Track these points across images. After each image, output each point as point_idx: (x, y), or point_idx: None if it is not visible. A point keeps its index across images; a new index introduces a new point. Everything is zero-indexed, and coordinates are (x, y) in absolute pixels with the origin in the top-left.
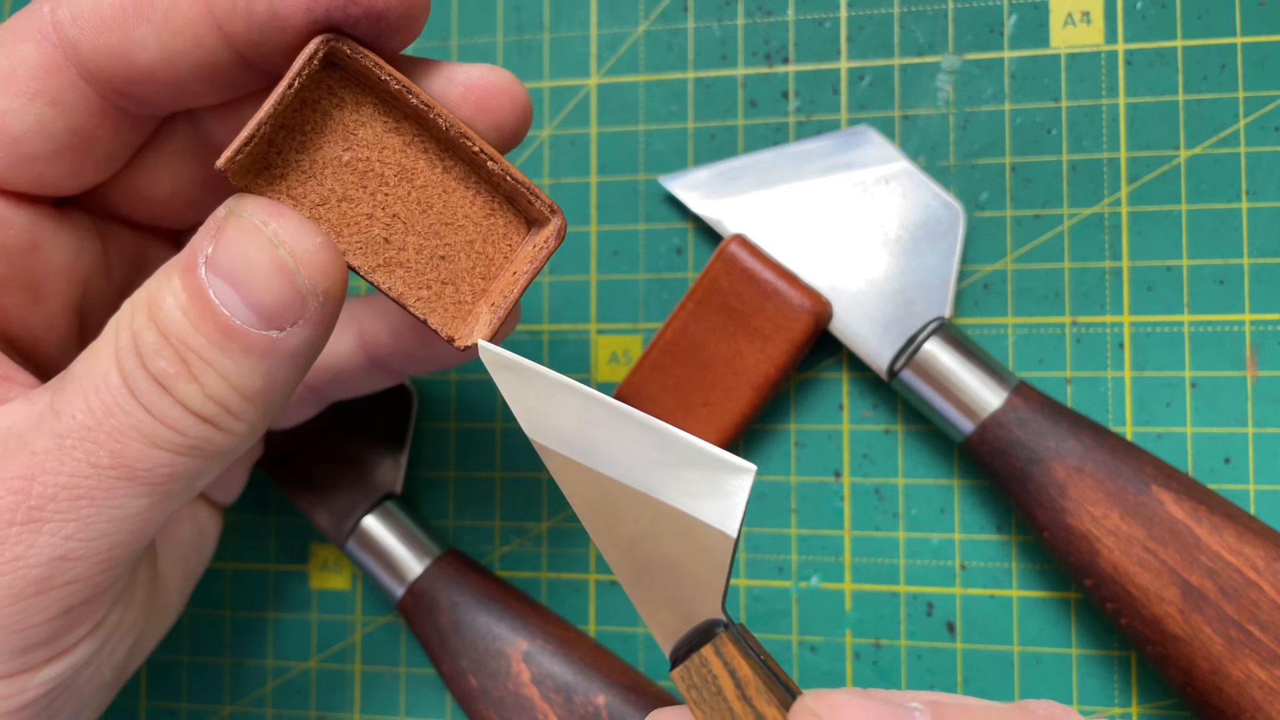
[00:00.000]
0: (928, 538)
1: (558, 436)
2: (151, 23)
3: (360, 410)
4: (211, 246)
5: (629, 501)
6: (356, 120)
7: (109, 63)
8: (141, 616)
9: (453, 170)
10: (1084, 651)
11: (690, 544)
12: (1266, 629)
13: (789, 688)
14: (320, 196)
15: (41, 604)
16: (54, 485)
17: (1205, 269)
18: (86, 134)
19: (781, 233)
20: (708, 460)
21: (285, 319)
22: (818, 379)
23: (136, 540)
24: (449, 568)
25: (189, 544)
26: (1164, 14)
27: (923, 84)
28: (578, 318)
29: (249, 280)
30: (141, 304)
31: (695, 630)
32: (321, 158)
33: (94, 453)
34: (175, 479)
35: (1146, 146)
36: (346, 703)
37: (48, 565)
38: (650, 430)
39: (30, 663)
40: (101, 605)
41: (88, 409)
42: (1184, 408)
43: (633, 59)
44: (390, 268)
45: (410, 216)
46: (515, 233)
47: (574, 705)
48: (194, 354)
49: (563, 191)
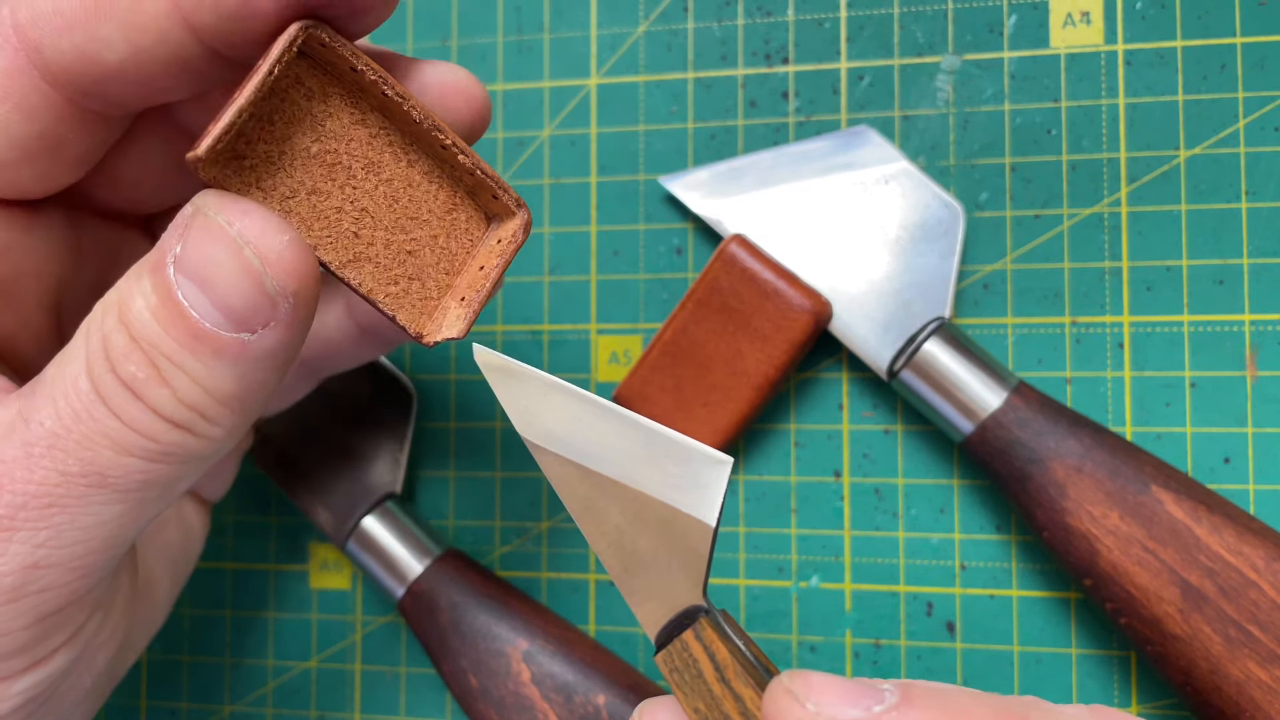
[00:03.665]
0: (927, 538)
1: (549, 434)
2: (115, 20)
3: (360, 410)
4: (180, 246)
5: (615, 495)
6: (324, 111)
7: (75, 64)
8: (124, 623)
9: (417, 164)
10: (1084, 651)
11: (672, 534)
12: (1266, 629)
13: (768, 669)
14: (289, 189)
15: (14, 611)
16: (23, 494)
17: (1205, 269)
18: (55, 138)
19: (781, 233)
20: (688, 454)
21: (256, 321)
22: (818, 379)
23: (112, 547)
24: (449, 567)
25: (176, 544)
26: (1164, 14)
27: (923, 84)
28: (578, 318)
29: (217, 282)
30: (112, 305)
31: (678, 617)
32: (290, 149)
33: (63, 460)
34: (149, 486)
35: (1146, 146)
36: (346, 702)
37: (19, 573)
38: (634, 426)
39: (6, 671)
40: (79, 613)
41: (56, 416)
42: (1184, 408)
43: (633, 59)
44: (360, 263)
45: (378, 210)
46: (476, 227)
47: (574, 705)
48: (164, 358)
49: (563, 191)
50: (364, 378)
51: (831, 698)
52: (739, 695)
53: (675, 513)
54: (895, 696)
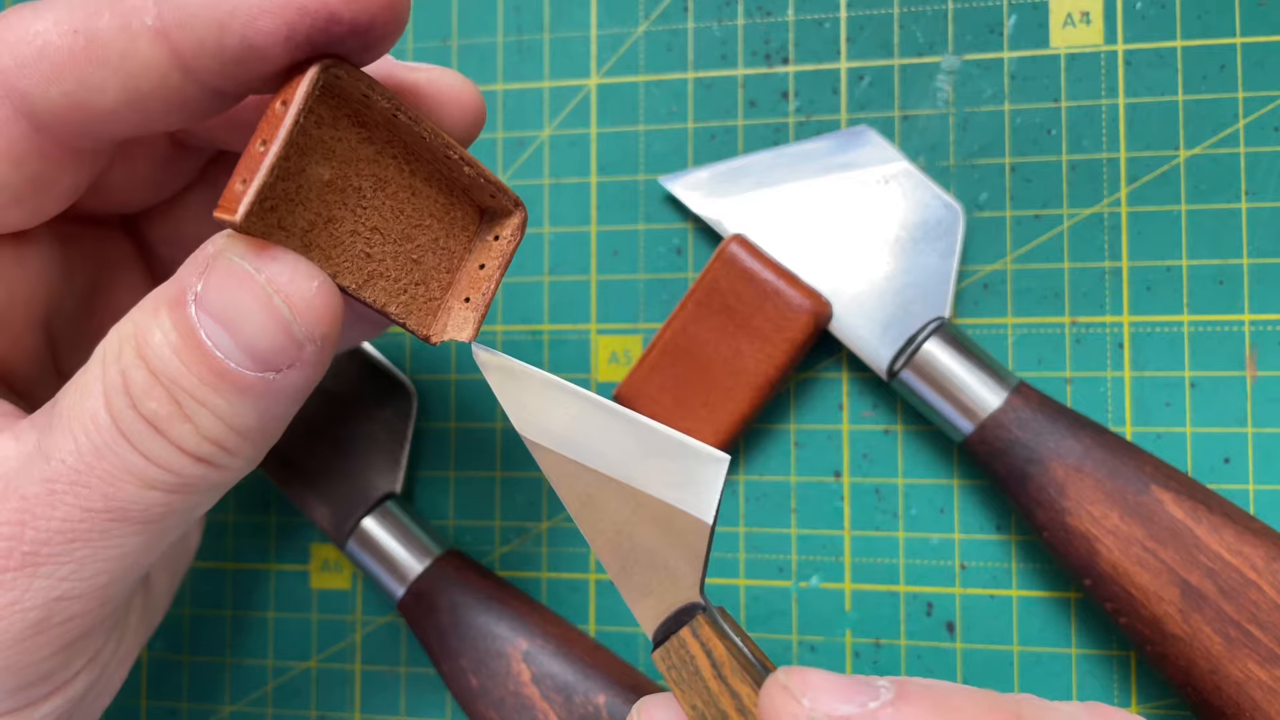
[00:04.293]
0: (927, 537)
1: (547, 433)
2: (108, 66)
3: (360, 410)
4: (201, 285)
5: (613, 493)
6: (334, 136)
7: (65, 110)
8: (136, 642)
9: (419, 171)
10: (1083, 651)
11: (669, 532)
12: (1266, 629)
13: (765, 666)
14: (308, 222)
15: (40, 644)
16: (47, 530)
17: (1204, 269)
18: (44, 180)
19: (781, 233)
20: (684, 452)
21: (281, 363)
22: (818, 379)
23: (132, 574)
24: (449, 567)
25: (176, 547)
26: (1164, 14)
27: (922, 84)
28: (578, 318)
29: (242, 326)
30: (129, 338)
31: (675, 614)
32: (307, 181)
33: (86, 497)
34: (170, 516)
35: (1146, 147)
36: (347, 702)
37: (45, 607)
38: (632, 424)
39: (30, 699)
40: (99, 637)
41: (77, 452)
42: (1183, 408)
43: (633, 59)
44: (374, 280)
45: (387, 226)
46: (471, 222)
47: (574, 705)
48: (186, 395)
49: (563, 191)
50: (364, 378)
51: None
52: (736, 692)
53: (673, 510)
54: (890, 693)
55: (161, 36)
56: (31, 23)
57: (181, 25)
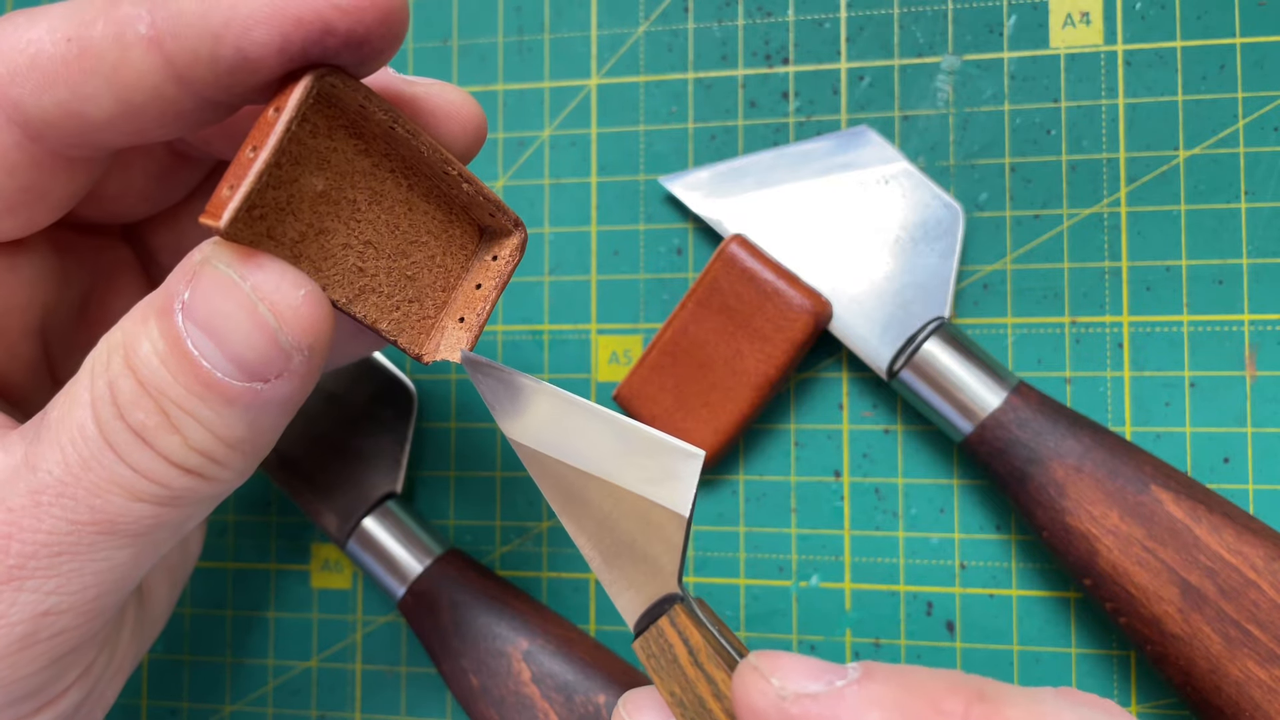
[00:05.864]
0: (927, 537)
1: (531, 433)
2: (101, 76)
3: (361, 411)
4: (188, 292)
5: (594, 489)
6: (329, 147)
7: (58, 120)
8: (130, 656)
9: (417, 186)
10: (1083, 651)
11: (648, 525)
12: (1265, 628)
13: (740, 653)
14: (299, 232)
15: (27, 658)
16: (33, 543)
17: (1204, 269)
18: (38, 189)
19: (781, 233)
20: (661, 448)
21: (268, 373)
22: (818, 379)
23: (122, 587)
24: (449, 567)
25: (174, 556)
26: (1163, 14)
27: (922, 84)
28: (578, 318)
29: (228, 335)
30: (117, 347)
31: (654, 604)
32: (299, 191)
33: (73, 509)
34: (160, 528)
35: (1146, 147)
36: (347, 702)
37: (31, 621)
38: (610, 423)
39: (19, 714)
40: (89, 651)
41: (64, 463)
42: (1183, 407)
43: (633, 59)
44: (365, 295)
45: (381, 240)
46: (470, 240)
47: (574, 704)
48: (174, 405)
49: (563, 191)
50: (364, 378)
51: (796, 674)
52: (711, 677)
53: (651, 505)
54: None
55: (155, 46)
56: (25, 30)
57: (175, 35)
